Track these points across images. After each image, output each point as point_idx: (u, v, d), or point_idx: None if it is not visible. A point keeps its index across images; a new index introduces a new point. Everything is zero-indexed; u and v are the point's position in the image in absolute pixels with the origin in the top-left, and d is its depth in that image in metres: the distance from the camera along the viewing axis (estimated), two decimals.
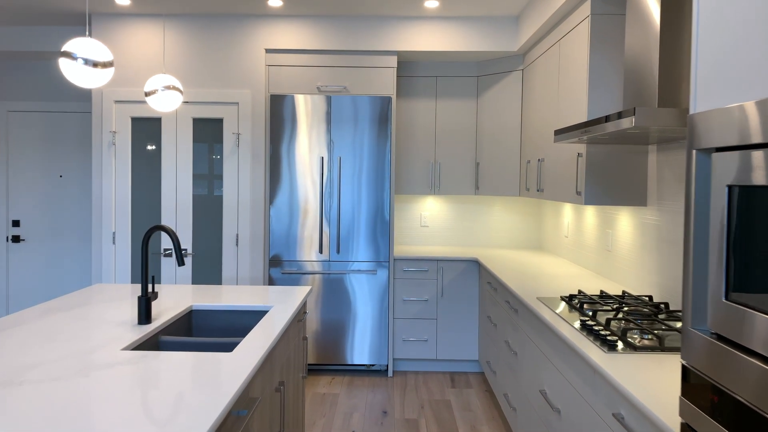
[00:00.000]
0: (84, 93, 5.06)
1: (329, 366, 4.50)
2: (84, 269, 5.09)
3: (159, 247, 4.35)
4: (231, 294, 2.82)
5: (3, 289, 5.07)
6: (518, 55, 4.49)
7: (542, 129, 3.90)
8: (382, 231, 4.38)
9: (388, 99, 4.34)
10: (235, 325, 2.61)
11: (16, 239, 5.05)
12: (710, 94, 1.25)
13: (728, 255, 1.10)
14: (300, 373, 2.79)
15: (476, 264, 4.44)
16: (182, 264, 2.21)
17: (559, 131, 2.89)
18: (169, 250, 4.33)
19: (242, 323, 2.61)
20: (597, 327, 2.22)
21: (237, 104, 4.32)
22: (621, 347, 1.98)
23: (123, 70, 4.29)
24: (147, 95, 3.02)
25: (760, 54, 1.08)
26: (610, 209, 3.45)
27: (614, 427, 1.76)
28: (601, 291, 2.86)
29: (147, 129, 4.35)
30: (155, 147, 4.35)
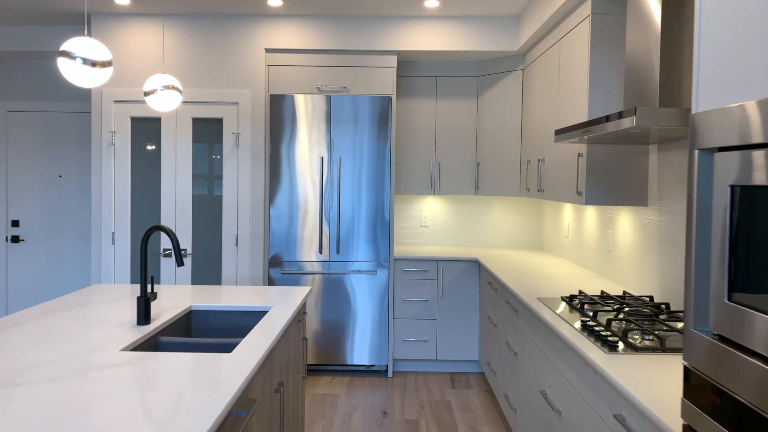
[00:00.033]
0: (83, 93, 5.05)
1: (329, 366, 4.49)
2: (83, 269, 5.09)
3: (158, 248, 4.35)
4: (230, 294, 2.81)
5: (2, 290, 5.06)
6: (518, 55, 4.48)
7: (542, 129, 3.90)
8: (382, 231, 4.37)
9: (388, 99, 4.33)
10: (235, 326, 2.61)
11: (16, 239, 5.04)
12: (712, 94, 1.24)
13: (730, 255, 1.09)
14: (300, 374, 2.78)
15: (476, 264, 4.44)
16: (181, 264, 2.20)
17: (560, 131, 2.88)
18: (169, 251, 4.32)
19: (242, 324, 2.61)
20: (598, 327, 2.21)
21: (237, 104, 4.31)
22: (622, 348, 1.98)
23: (122, 70, 4.28)
24: (146, 95, 3.01)
25: (762, 54, 1.08)
26: (611, 209, 3.44)
27: (615, 428, 1.76)
28: (602, 291, 2.86)
29: (146, 129, 4.34)
30: (155, 147, 4.35)
